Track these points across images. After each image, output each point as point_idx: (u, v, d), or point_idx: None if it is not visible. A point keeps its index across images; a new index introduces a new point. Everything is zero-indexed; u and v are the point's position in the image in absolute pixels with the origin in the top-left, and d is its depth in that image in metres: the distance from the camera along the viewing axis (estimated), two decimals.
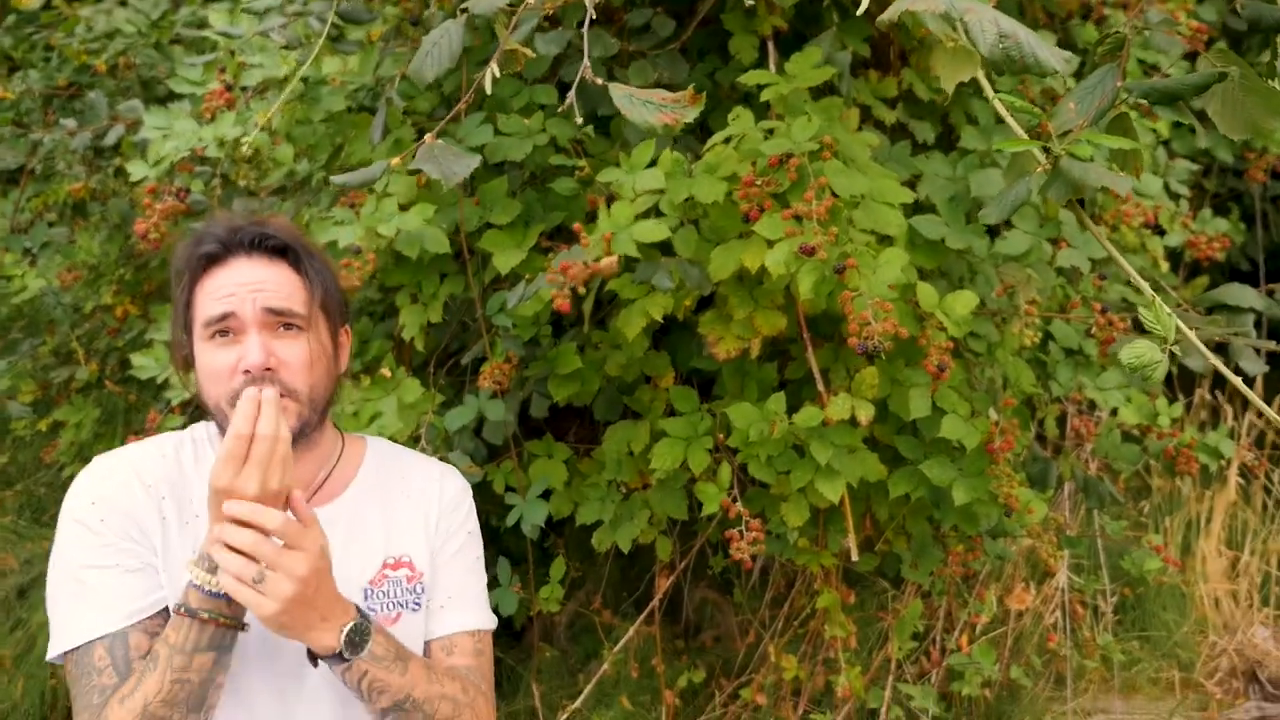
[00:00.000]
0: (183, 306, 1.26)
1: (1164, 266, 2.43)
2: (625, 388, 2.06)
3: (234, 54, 1.97)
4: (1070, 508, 3.29)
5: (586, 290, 1.69)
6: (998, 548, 2.22)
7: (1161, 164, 2.47)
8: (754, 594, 3.04)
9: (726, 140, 1.65)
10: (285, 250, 1.26)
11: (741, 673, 2.85)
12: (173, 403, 2.04)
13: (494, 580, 2.13)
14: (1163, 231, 2.50)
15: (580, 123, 0.81)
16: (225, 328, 1.21)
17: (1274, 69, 0.91)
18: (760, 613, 2.97)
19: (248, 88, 1.93)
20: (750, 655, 2.90)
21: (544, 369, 1.94)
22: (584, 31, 0.77)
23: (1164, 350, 0.81)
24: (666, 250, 1.68)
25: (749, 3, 1.21)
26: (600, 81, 0.79)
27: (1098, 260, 1.94)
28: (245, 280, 1.22)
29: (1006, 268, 1.79)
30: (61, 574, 1.20)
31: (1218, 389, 3.87)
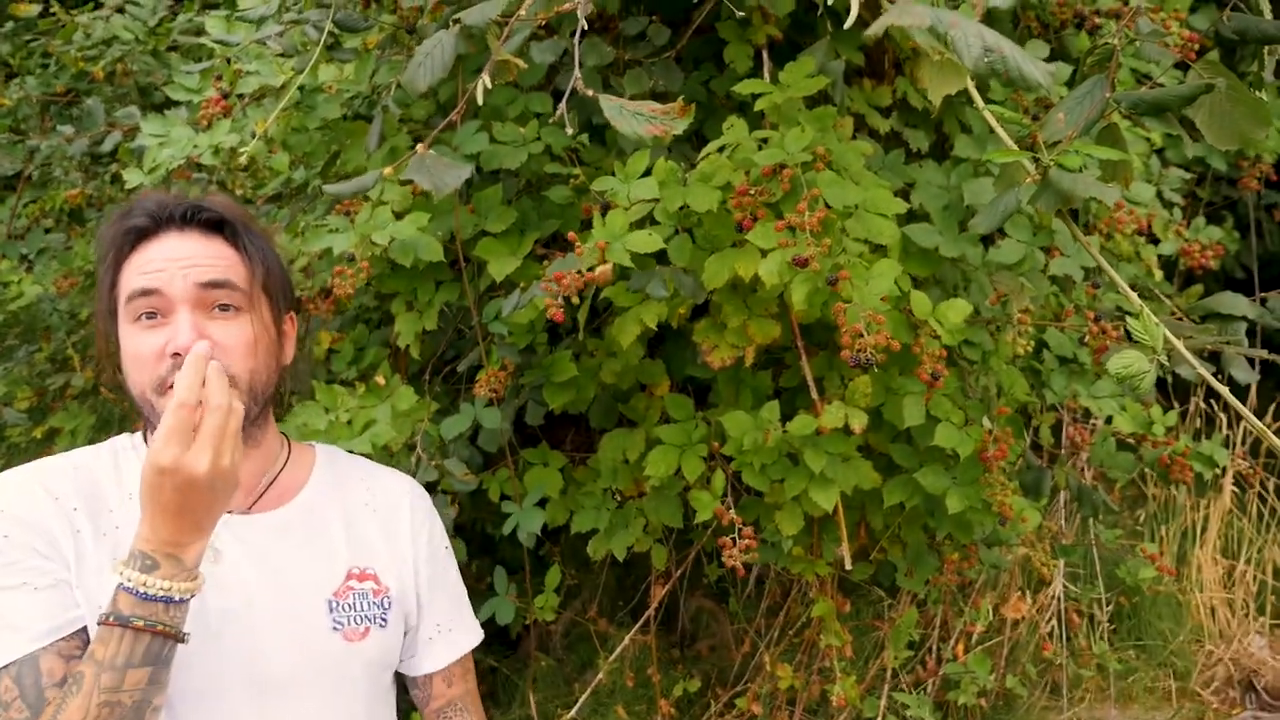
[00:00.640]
0: (106, 288, 1.14)
1: (1158, 275, 2.44)
2: (620, 395, 2.06)
3: (230, 62, 1.97)
4: (1066, 517, 3.29)
5: (581, 298, 1.69)
6: (993, 556, 2.22)
7: (1155, 172, 2.48)
8: (749, 603, 3.04)
9: (720, 149, 1.66)
10: (222, 225, 1.15)
11: (737, 682, 2.85)
12: None
13: (490, 589, 2.13)
14: (1157, 240, 2.50)
15: (572, 133, 0.82)
16: (152, 307, 1.09)
17: (1261, 80, 0.92)
18: (756, 622, 2.97)
19: (244, 95, 1.94)
20: (746, 664, 2.90)
21: (539, 377, 1.94)
22: (576, 41, 0.78)
23: (1152, 360, 0.82)
24: (661, 259, 1.68)
25: (740, 13, 1.21)
26: (591, 92, 0.80)
27: (1090, 269, 1.94)
28: (175, 255, 1.10)
29: (1000, 276, 1.79)
30: None
31: (1213, 397, 3.87)
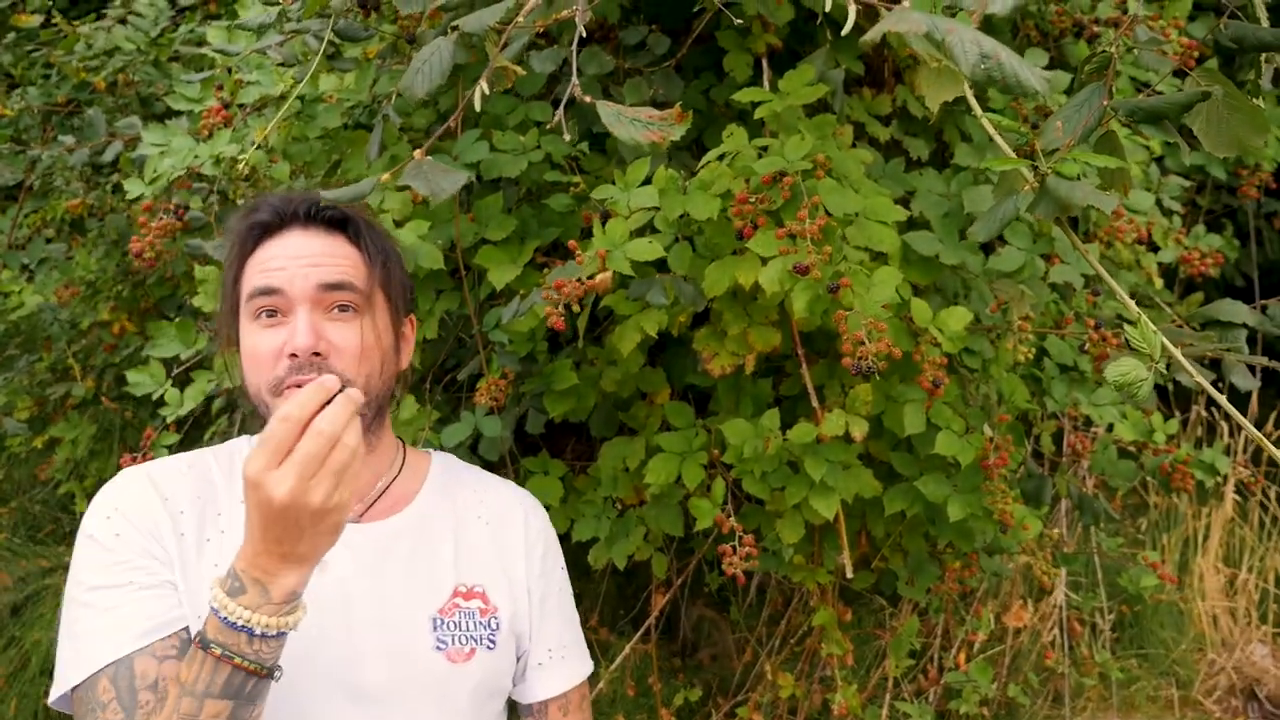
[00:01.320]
0: (230, 282, 1.13)
1: (1158, 283, 2.44)
2: (621, 404, 2.06)
3: (231, 71, 1.98)
4: (1068, 525, 3.28)
5: (582, 306, 1.69)
6: (994, 565, 2.21)
7: (1155, 180, 2.48)
8: (751, 612, 3.04)
9: (720, 157, 1.66)
10: (345, 222, 1.12)
11: (738, 691, 2.84)
12: (168, 420, 2.04)
13: None
14: (1156, 248, 2.51)
15: (569, 139, 0.82)
16: (272, 306, 1.07)
17: (1258, 88, 0.92)
18: (757, 630, 2.97)
19: (245, 105, 1.94)
20: (747, 673, 2.89)
21: (540, 385, 1.94)
22: (574, 49, 0.78)
23: (1150, 368, 0.82)
24: (661, 267, 1.69)
25: (739, 21, 1.22)
26: (589, 99, 0.80)
27: (1090, 276, 1.94)
28: (297, 252, 1.08)
29: (1000, 284, 1.79)
30: (70, 603, 1.04)
31: (1214, 405, 3.87)
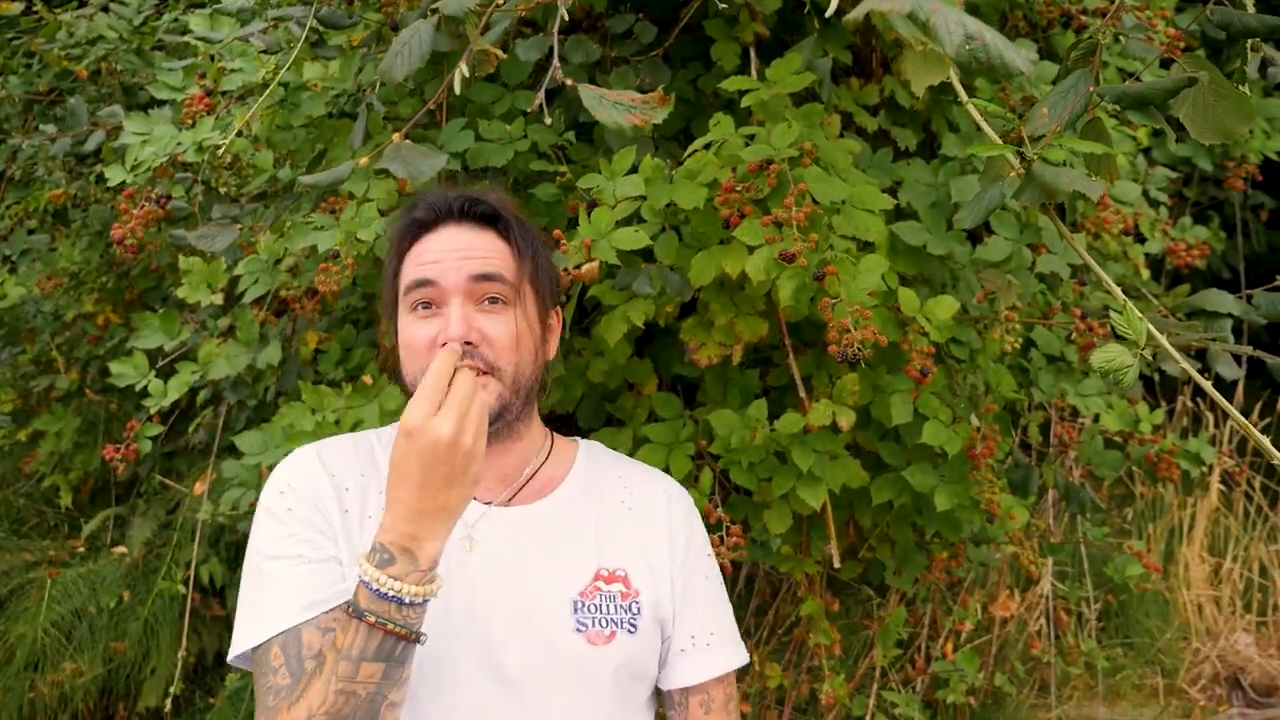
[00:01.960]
0: (390, 277, 1.20)
1: (1145, 274, 2.44)
2: (608, 395, 2.05)
3: (214, 59, 1.96)
4: (1054, 515, 3.30)
5: (568, 297, 1.68)
6: (981, 554, 2.22)
7: (1141, 171, 2.49)
8: (739, 602, 3.04)
9: (707, 146, 1.65)
10: (496, 218, 1.19)
11: None
12: (151, 411, 2.02)
13: None
14: (1143, 239, 2.51)
15: (549, 122, 0.81)
16: (427, 298, 1.14)
17: (1244, 74, 0.92)
18: (745, 621, 2.97)
19: (229, 93, 1.92)
20: None
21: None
22: (555, 32, 0.77)
23: (1135, 355, 0.81)
24: (648, 257, 1.68)
25: (722, 5, 1.21)
26: (570, 82, 0.79)
27: (1077, 266, 1.94)
28: (450, 246, 1.15)
29: (987, 274, 1.79)
30: (248, 569, 1.13)
31: (1199, 396, 3.89)
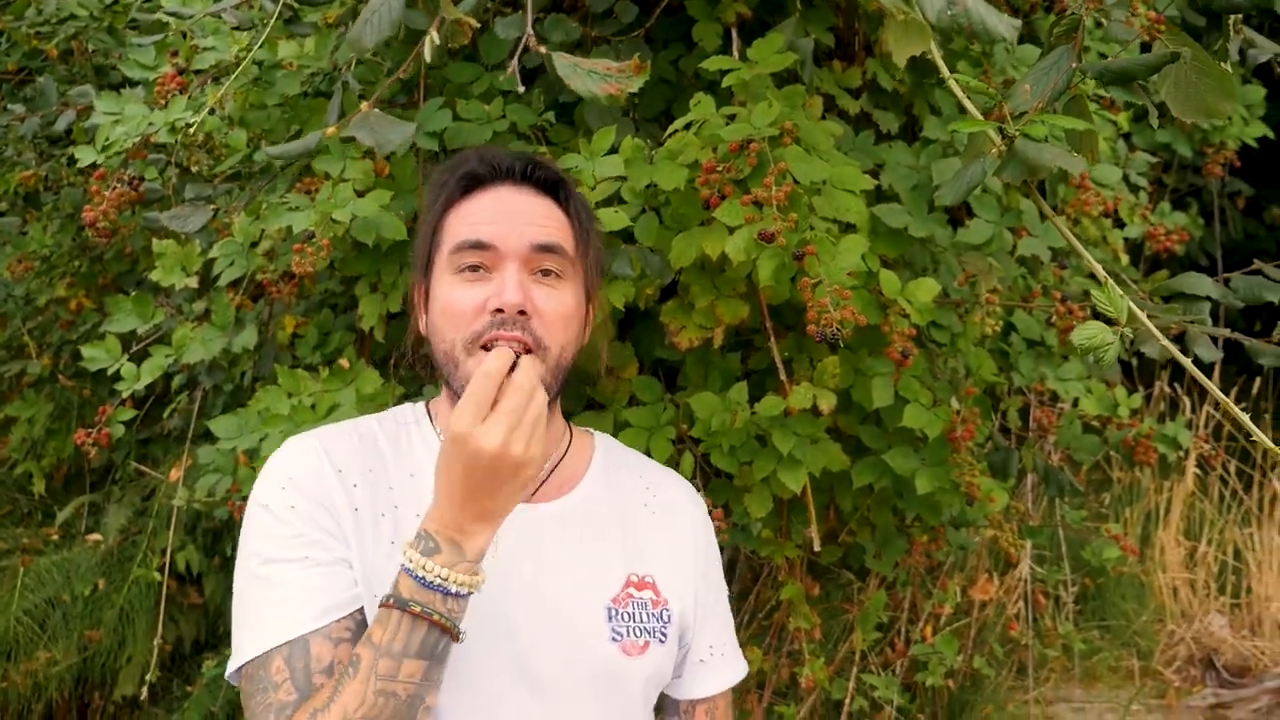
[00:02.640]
0: (429, 233, 1.09)
1: (1124, 259, 2.45)
2: (588, 379, 2.04)
3: (186, 36, 1.92)
4: (1033, 500, 3.32)
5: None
6: (960, 538, 2.23)
7: (1121, 156, 2.49)
8: None
9: (687, 126, 1.64)
10: (557, 186, 1.10)
11: None
12: (124, 395, 1.99)
13: None
14: (1122, 224, 2.52)
15: (522, 91, 0.79)
16: (479, 261, 1.04)
17: (1226, 52, 0.91)
18: None
19: (201, 72, 1.89)
20: None
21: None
22: (529, 10, 0.75)
23: (1116, 333, 0.81)
24: (629, 239, 1.67)
25: None
26: (544, 49, 0.78)
27: (1058, 250, 1.95)
28: (511, 209, 1.05)
29: (968, 257, 1.79)
30: (242, 574, 1.02)
31: (1176, 381, 3.93)
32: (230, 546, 2.81)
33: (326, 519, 1.02)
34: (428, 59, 0.74)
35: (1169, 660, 3.30)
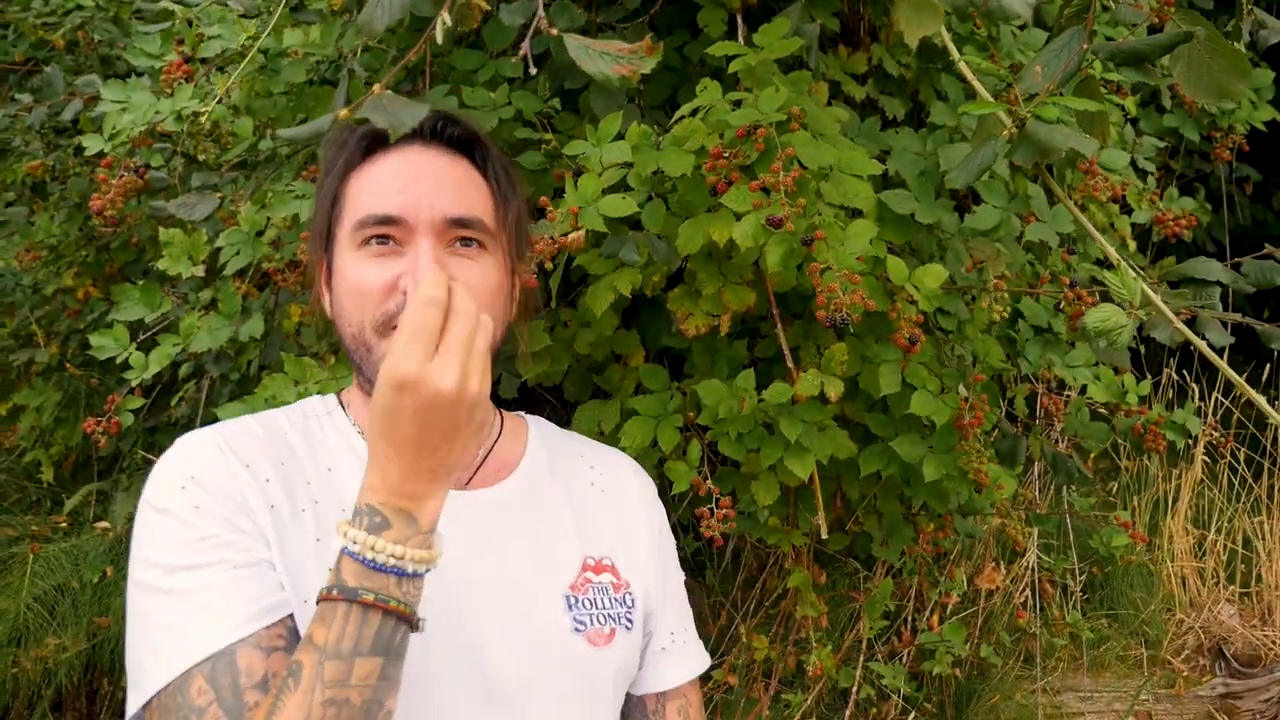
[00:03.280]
0: (327, 201, 0.98)
1: (1132, 245, 2.44)
2: (595, 367, 2.04)
3: (192, 24, 1.92)
4: (1040, 489, 3.31)
5: (554, 266, 1.66)
6: (968, 526, 2.22)
7: (1129, 141, 2.48)
8: (726, 576, 3.05)
9: (694, 112, 1.63)
10: (473, 145, 0.98)
11: (714, 654, 2.86)
12: (132, 383, 1.99)
13: None
14: (1130, 210, 2.51)
15: (534, 73, 0.78)
16: (385, 234, 0.92)
17: (1239, 31, 0.90)
18: (732, 595, 2.98)
19: (207, 60, 1.89)
20: (722, 637, 2.90)
21: (512, 348, 1.91)
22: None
23: (1130, 315, 0.81)
24: (635, 226, 1.66)
25: None
26: (555, 31, 0.77)
27: (1066, 235, 1.94)
28: (422, 173, 0.94)
29: (975, 243, 1.79)
30: (140, 592, 0.86)
31: (1184, 369, 3.91)
32: None
33: (239, 517, 0.88)
34: (439, 41, 0.73)
35: (1177, 649, 3.29)
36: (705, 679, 2.80)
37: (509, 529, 1.00)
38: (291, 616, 0.86)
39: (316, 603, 0.79)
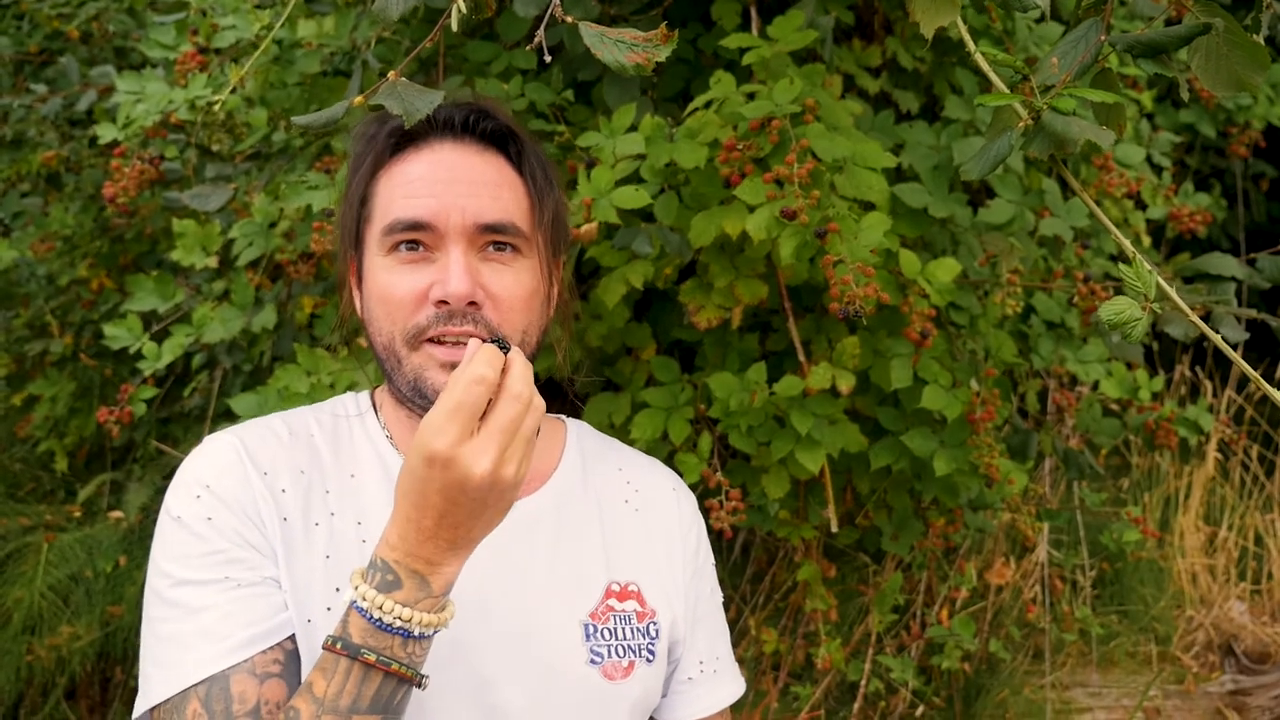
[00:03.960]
0: (356, 200, 0.93)
1: (1146, 241, 2.43)
2: (606, 359, 2.04)
3: (206, 14, 1.93)
4: (1050, 484, 3.30)
5: (567, 258, 1.67)
6: (978, 520, 2.22)
7: (1145, 136, 2.46)
8: (735, 569, 3.05)
9: (708, 104, 1.63)
10: (507, 140, 0.93)
11: None
12: (146, 374, 2.01)
13: None
14: (1144, 206, 2.50)
15: (549, 60, 0.78)
16: (415, 239, 0.88)
17: (1259, 23, 0.90)
18: (742, 588, 2.98)
19: (221, 50, 1.90)
20: (731, 629, 2.91)
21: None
22: None
23: (1144, 308, 0.80)
24: (648, 218, 1.66)
25: None
26: (570, 19, 0.77)
27: (1079, 230, 1.93)
28: (451, 176, 0.89)
29: (989, 237, 1.78)
30: (152, 598, 0.88)
31: (1197, 365, 3.90)
32: None
33: (251, 531, 0.87)
34: (454, 29, 0.73)
35: (1187, 646, 3.28)
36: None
37: (532, 547, 0.95)
38: (292, 638, 0.86)
39: (323, 648, 0.78)
